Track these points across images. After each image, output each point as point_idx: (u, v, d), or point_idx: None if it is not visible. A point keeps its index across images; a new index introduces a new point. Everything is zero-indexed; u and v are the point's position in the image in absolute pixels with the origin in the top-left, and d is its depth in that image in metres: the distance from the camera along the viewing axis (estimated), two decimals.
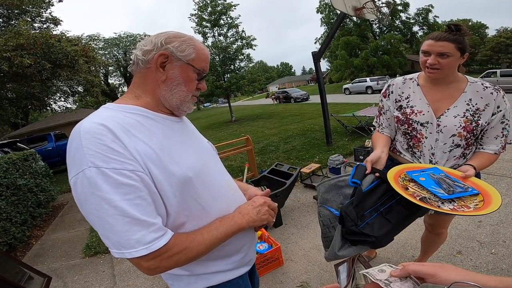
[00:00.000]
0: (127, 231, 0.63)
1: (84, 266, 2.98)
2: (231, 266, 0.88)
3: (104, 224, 0.64)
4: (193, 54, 0.79)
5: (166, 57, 0.77)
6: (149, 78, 0.79)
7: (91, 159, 0.63)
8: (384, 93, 1.49)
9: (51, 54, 8.11)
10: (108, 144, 0.65)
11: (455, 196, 0.95)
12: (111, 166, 0.64)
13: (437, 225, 1.65)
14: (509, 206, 2.60)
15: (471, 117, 1.24)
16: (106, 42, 29.93)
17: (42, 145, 9.26)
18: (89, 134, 0.65)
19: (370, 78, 22.52)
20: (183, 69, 0.79)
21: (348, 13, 4.93)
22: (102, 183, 0.62)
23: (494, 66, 29.01)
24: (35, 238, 3.95)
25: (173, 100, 0.81)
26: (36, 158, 5.10)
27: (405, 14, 30.51)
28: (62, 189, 6.48)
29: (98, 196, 0.62)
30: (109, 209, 0.63)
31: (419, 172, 1.12)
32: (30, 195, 4.18)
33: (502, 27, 32.80)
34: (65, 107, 12.91)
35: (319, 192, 1.22)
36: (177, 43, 0.78)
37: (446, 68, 1.23)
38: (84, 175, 0.63)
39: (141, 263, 0.67)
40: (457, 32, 1.20)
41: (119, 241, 0.64)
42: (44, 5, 10.40)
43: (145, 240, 0.65)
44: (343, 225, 1.07)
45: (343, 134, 6.82)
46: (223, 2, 14.79)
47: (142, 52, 0.78)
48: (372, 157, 1.23)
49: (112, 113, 0.72)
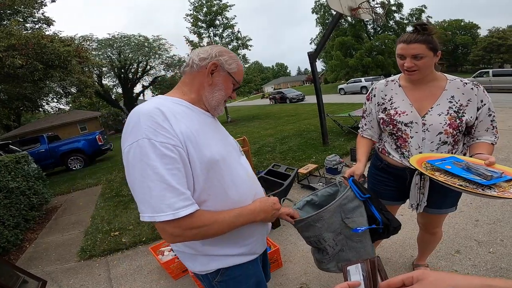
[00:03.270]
0: (162, 196, 0.75)
1: (80, 269, 2.93)
2: (243, 250, 0.98)
3: (145, 188, 0.76)
4: (235, 69, 0.98)
5: (216, 66, 0.95)
6: (198, 80, 0.96)
7: (146, 132, 0.77)
8: (367, 96, 1.54)
9: (43, 55, 7.98)
10: (160, 122, 0.79)
11: (494, 182, 0.93)
12: (159, 139, 0.77)
13: (430, 224, 1.65)
14: (505, 205, 2.62)
15: (455, 114, 1.27)
16: (99, 42, 29.59)
17: (35, 147, 9.10)
18: (147, 113, 0.80)
19: (365, 78, 22.68)
20: (226, 79, 0.97)
21: (344, 13, 4.95)
22: (150, 152, 0.76)
23: (486, 66, 29.41)
24: (28, 241, 3.89)
25: (213, 101, 0.97)
26: (29, 161, 5.02)
27: (398, 15, 30.84)
28: (55, 191, 6.40)
29: (145, 162, 0.76)
30: (152, 174, 0.75)
31: (441, 161, 1.11)
32: (22, 198, 4.12)
33: (494, 27, 33.30)
34: (58, 108, 12.73)
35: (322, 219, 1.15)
36: (226, 57, 0.96)
37: (423, 68, 1.26)
38: (138, 144, 0.76)
39: (166, 228, 0.78)
40: (424, 32, 1.22)
41: (154, 205, 0.75)
42: (37, 5, 10.24)
43: (175, 206, 0.76)
44: (388, 230, 1.20)
45: (339, 134, 6.84)
46: (219, 3, 14.75)
47: (199, 58, 0.95)
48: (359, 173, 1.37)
49: (165, 102, 0.88)
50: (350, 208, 1.18)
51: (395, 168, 1.48)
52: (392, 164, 1.48)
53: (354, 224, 1.17)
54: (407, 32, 1.28)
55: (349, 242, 1.20)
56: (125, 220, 3.91)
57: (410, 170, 1.40)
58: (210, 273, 0.96)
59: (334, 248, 1.20)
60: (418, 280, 0.47)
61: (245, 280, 0.99)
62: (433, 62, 1.26)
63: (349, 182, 1.27)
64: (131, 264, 2.83)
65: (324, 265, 1.25)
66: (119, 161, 9.15)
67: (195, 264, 0.96)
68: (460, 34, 36.70)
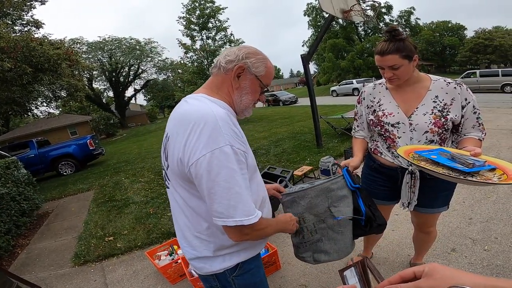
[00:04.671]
0: (247, 201, 0.82)
1: (74, 275, 2.88)
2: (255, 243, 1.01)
3: (233, 194, 0.79)
4: (263, 72, 0.96)
5: (243, 69, 0.94)
6: (226, 83, 0.96)
7: (228, 138, 0.80)
8: (358, 99, 1.60)
9: (32, 58, 7.86)
10: (233, 128, 0.83)
11: (476, 170, 0.95)
12: (237, 146, 0.81)
13: (424, 224, 1.67)
14: (497, 203, 2.67)
15: (440, 113, 1.31)
16: (89, 45, 29.26)
17: (24, 152, 8.90)
18: (224, 119, 0.82)
19: (357, 80, 22.96)
20: (253, 82, 0.96)
21: (336, 15, 5.01)
22: (234, 159, 0.79)
23: (473, 67, 30.11)
24: (20, 247, 3.81)
25: (241, 105, 0.98)
26: (18, 166, 4.95)
27: (388, 17, 31.37)
28: (46, 197, 6.27)
29: (231, 169, 0.79)
30: (239, 181, 0.80)
31: (427, 152, 1.14)
32: (13, 204, 4.06)
33: (480, 28, 34.13)
34: (47, 112, 12.52)
35: (307, 197, 1.19)
36: (254, 60, 0.94)
37: (403, 76, 1.31)
38: (221, 150, 0.78)
39: (244, 229, 0.84)
40: (395, 38, 1.25)
41: (243, 209, 0.81)
42: (26, 7, 10.09)
43: (255, 210, 0.84)
44: (371, 225, 1.21)
45: (333, 136, 6.88)
46: (212, 6, 14.77)
47: (226, 61, 0.94)
48: (354, 164, 1.39)
49: (217, 105, 0.89)
50: (338, 196, 1.20)
51: (387, 168, 1.51)
52: (385, 164, 1.51)
53: (339, 213, 1.19)
54: (381, 41, 1.32)
55: (330, 232, 1.21)
56: (119, 225, 3.85)
57: (401, 169, 1.43)
58: (228, 270, 0.97)
59: (312, 234, 1.21)
60: (427, 275, 0.48)
61: (257, 272, 1.04)
62: (411, 67, 1.30)
63: (343, 170, 1.31)
64: (127, 269, 2.79)
65: (300, 252, 1.27)
66: (112, 166, 9.03)
67: (213, 264, 0.97)
68: (448, 36, 37.55)
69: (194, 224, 0.95)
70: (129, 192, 5.42)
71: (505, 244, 2.08)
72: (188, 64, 15.79)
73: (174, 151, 0.87)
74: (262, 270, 1.09)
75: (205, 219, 0.93)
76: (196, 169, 0.81)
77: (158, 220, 3.71)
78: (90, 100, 29.37)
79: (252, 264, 1.01)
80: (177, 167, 0.87)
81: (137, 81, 36.74)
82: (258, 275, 1.05)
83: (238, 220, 0.80)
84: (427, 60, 36.47)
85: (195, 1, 14.72)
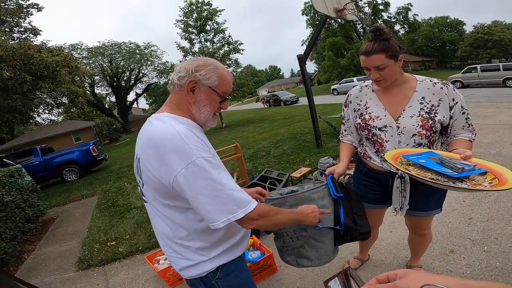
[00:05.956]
0: (234, 194, 0.87)
1: (78, 279, 2.94)
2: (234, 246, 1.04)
3: (217, 197, 0.85)
4: (216, 82, 0.97)
5: (195, 83, 0.96)
6: (183, 99, 0.99)
7: (196, 151, 0.84)
8: (345, 103, 1.57)
9: (31, 66, 7.91)
10: (198, 140, 0.88)
11: (466, 175, 0.93)
12: (207, 156, 0.86)
13: (418, 227, 1.65)
14: (498, 201, 2.63)
15: (427, 115, 1.27)
16: (89, 51, 29.43)
17: (28, 160, 9.01)
18: (186, 135, 0.86)
19: (357, 78, 22.87)
20: (208, 93, 0.98)
21: (329, 15, 5.00)
22: (207, 168, 0.84)
23: (474, 61, 29.87)
24: (26, 252, 3.90)
25: (201, 118, 1.00)
26: (22, 174, 5.05)
27: (386, 14, 31.25)
28: (51, 203, 6.37)
29: (209, 179, 0.84)
30: (220, 185, 0.85)
31: (416, 156, 1.12)
32: (18, 211, 4.16)
33: (479, 23, 33.92)
34: (49, 119, 12.61)
35: (286, 204, 1.20)
36: (204, 72, 0.95)
37: (389, 77, 1.28)
38: (194, 164, 0.83)
39: (250, 215, 0.89)
40: (379, 38, 1.23)
41: (238, 204, 0.87)
42: (23, 15, 10.17)
43: (249, 199, 0.90)
44: (351, 234, 1.21)
45: (332, 136, 6.86)
46: (209, 8, 14.80)
47: (178, 77, 0.96)
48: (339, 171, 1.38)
49: (179, 122, 0.93)
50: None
51: (377, 173, 1.49)
52: (374, 169, 1.49)
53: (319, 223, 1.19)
54: (366, 41, 1.29)
55: (311, 241, 1.22)
56: (121, 230, 3.88)
57: (391, 174, 1.41)
58: (210, 272, 1.01)
59: (293, 240, 1.23)
60: (402, 276, 0.51)
61: (240, 274, 1.07)
62: (397, 68, 1.27)
63: (328, 178, 1.29)
64: (129, 273, 2.83)
65: (284, 256, 1.31)
66: (115, 171, 9.09)
67: (196, 268, 1.00)
68: (447, 31, 37.31)
69: (174, 232, 0.99)
70: (131, 197, 5.47)
71: (505, 245, 2.04)
72: None
73: (149, 173, 0.92)
74: (246, 272, 1.11)
75: (183, 227, 0.97)
76: (178, 186, 0.86)
77: None
78: (93, 106, 29.49)
79: (233, 266, 1.04)
80: (159, 186, 0.91)
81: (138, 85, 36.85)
82: (242, 277, 1.07)
83: (232, 217, 0.86)
84: (428, 56, 36.25)
85: (192, 4, 14.77)
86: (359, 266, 2.12)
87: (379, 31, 1.23)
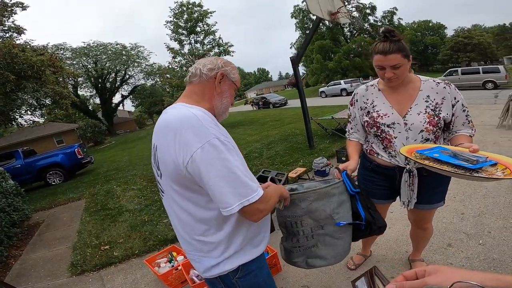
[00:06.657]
0: (247, 180, 0.86)
1: (73, 285, 2.83)
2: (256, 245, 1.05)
3: (233, 180, 0.84)
4: (237, 78, 1.10)
5: (223, 76, 1.05)
6: (208, 89, 1.04)
7: (213, 131, 0.86)
8: (351, 102, 1.63)
9: (14, 65, 7.63)
10: (215, 124, 0.90)
11: (480, 166, 0.98)
12: (223, 138, 0.87)
13: (421, 220, 1.72)
14: (487, 197, 2.76)
15: (432, 112, 1.36)
16: (73, 51, 28.63)
17: (10, 163, 8.64)
18: (203, 117, 0.89)
19: (344, 81, 23.29)
20: (231, 86, 1.09)
21: (324, 17, 5.10)
22: (223, 149, 0.85)
23: (454, 64, 31.07)
24: (13, 258, 3.75)
25: (222, 108, 1.08)
26: (6, 177, 4.84)
27: (372, 17, 31.99)
28: (36, 207, 6.13)
29: (223, 158, 0.84)
30: (234, 167, 0.85)
31: (428, 150, 1.17)
32: (3, 215, 4.01)
33: (459, 27, 35.36)
34: (32, 121, 12.13)
35: (308, 199, 1.18)
36: (230, 67, 1.07)
37: (402, 75, 1.34)
38: (210, 144, 0.84)
39: (258, 206, 0.88)
40: (393, 38, 1.28)
41: (246, 190, 0.85)
42: (6, 13, 9.81)
43: (257, 186, 0.89)
44: (371, 228, 1.22)
45: (324, 137, 6.96)
46: (199, 9, 14.74)
47: (207, 69, 1.02)
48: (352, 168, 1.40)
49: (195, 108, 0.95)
50: (339, 201, 1.20)
51: (384, 168, 1.54)
52: (382, 164, 1.54)
53: (340, 219, 1.20)
54: (379, 41, 1.32)
55: (327, 239, 1.20)
56: (114, 234, 3.78)
57: (399, 168, 1.47)
58: (231, 272, 1.00)
59: (308, 238, 1.20)
60: (431, 273, 0.51)
61: (260, 273, 1.07)
62: (408, 67, 1.35)
63: (343, 174, 1.31)
64: (126, 277, 2.75)
65: (293, 257, 1.26)
66: (102, 174, 8.86)
67: (218, 267, 1.00)
68: (429, 35, 38.63)
69: (194, 228, 0.98)
70: (122, 200, 5.34)
71: (499, 238, 2.14)
72: (176, 69, 15.69)
73: (166, 158, 0.92)
74: (265, 271, 1.10)
75: (203, 222, 0.96)
76: (193, 166, 0.85)
77: (154, 227, 3.66)
78: (76, 108, 28.62)
79: (253, 266, 1.03)
80: (174, 171, 0.90)
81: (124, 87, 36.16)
82: (261, 276, 1.07)
83: (245, 201, 0.85)
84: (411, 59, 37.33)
85: (182, 5, 14.67)
86: (363, 262, 2.16)
87: (391, 32, 1.28)
